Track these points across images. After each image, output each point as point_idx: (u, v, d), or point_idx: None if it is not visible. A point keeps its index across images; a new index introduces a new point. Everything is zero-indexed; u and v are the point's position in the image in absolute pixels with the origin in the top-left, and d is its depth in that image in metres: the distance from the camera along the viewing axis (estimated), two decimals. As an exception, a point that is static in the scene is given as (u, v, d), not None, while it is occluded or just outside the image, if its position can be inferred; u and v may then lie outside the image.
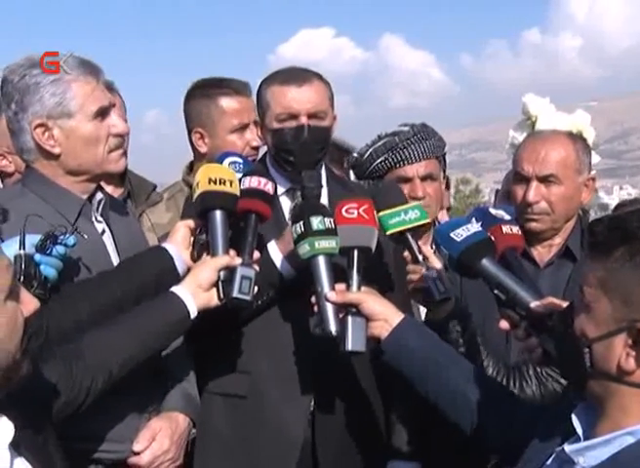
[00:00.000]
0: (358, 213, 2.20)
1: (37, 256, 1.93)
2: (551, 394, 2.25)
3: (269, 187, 2.28)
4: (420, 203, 2.28)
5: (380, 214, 2.26)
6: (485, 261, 2.12)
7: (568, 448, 1.52)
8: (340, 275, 2.17)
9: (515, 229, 2.28)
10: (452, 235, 2.17)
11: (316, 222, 2.13)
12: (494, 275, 2.10)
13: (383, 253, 2.54)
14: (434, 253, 2.38)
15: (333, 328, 2.07)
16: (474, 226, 2.20)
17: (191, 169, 3.32)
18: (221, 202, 2.19)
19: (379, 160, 3.14)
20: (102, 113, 2.21)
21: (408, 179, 3.10)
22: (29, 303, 1.38)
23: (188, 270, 2.23)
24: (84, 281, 2.15)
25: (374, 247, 2.21)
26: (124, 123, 2.30)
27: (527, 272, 2.23)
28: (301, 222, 2.14)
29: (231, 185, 2.21)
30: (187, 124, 3.28)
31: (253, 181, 2.26)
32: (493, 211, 2.34)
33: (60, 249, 1.96)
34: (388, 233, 2.28)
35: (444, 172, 3.28)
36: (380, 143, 3.16)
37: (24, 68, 2.17)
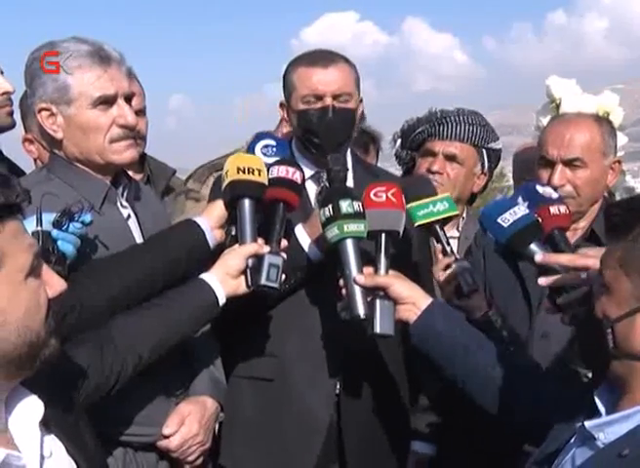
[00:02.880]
0: (387, 196, 2.19)
1: (54, 232, 1.94)
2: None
3: (297, 176, 2.28)
4: (448, 195, 2.26)
5: (409, 205, 2.25)
6: (533, 246, 2.10)
7: (588, 423, 1.54)
8: (367, 259, 2.16)
9: (563, 209, 2.22)
10: (499, 220, 2.14)
11: (345, 206, 2.12)
12: None
13: (410, 239, 2.54)
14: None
15: (361, 311, 2.07)
16: (521, 209, 2.15)
17: None
18: (250, 191, 2.20)
19: (418, 130, 3.21)
20: (106, 102, 2.19)
21: (433, 153, 3.15)
22: (56, 284, 1.38)
23: (219, 248, 2.25)
24: (116, 255, 2.16)
25: (401, 230, 2.20)
26: (133, 114, 2.25)
27: (575, 251, 2.15)
28: (330, 206, 2.13)
29: (260, 174, 2.22)
30: None
31: (281, 170, 2.26)
32: (540, 189, 2.28)
33: (76, 225, 1.96)
34: (417, 224, 2.26)
35: (482, 163, 3.24)
36: (424, 116, 3.23)
37: (39, 52, 2.19)
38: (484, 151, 3.23)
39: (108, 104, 2.20)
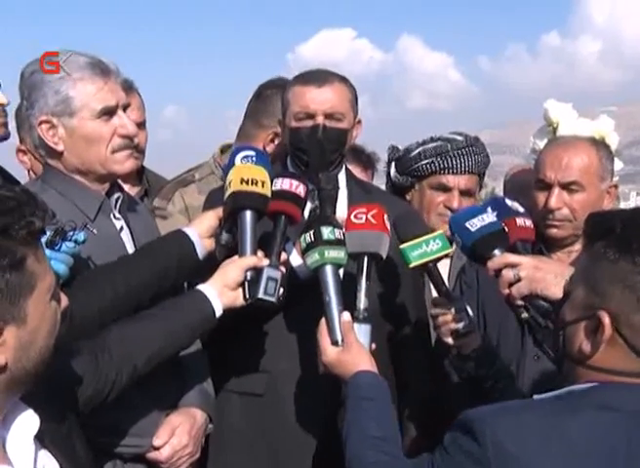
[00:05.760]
0: (366, 218, 2.19)
1: (47, 252, 1.94)
2: None
3: (301, 190, 2.27)
4: (441, 233, 2.26)
5: (402, 246, 2.25)
6: (497, 252, 2.16)
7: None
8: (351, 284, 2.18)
9: (528, 223, 2.31)
10: (467, 224, 2.20)
11: (327, 232, 2.13)
12: None
13: (400, 266, 2.54)
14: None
15: (339, 337, 2.08)
16: (489, 216, 2.23)
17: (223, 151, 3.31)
18: (252, 202, 2.20)
19: (425, 161, 3.14)
20: (108, 113, 2.21)
21: (448, 189, 3.13)
22: (62, 300, 1.42)
23: (208, 258, 2.25)
24: (105, 265, 2.17)
25: (384, 253, 2.20)
26: (132, 124, 2.28)
27: None
28: (311, 232, 2.14)
29: (263, 186, 2.21)
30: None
31: (285, 183, 2.26)
32: (509, 202, 2.36)
33: (69, 244, 1.95)
34: (411, 266, 2.26)
35: (480, 187, 3.30)
36: (431, 145, 3.17)
37: (36, 64, 2.19)
38: (482, 177, 3.26)
39: (109, 115, 2.22)
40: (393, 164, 3.30)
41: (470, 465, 1.50)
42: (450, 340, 2.28)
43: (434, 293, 2.69)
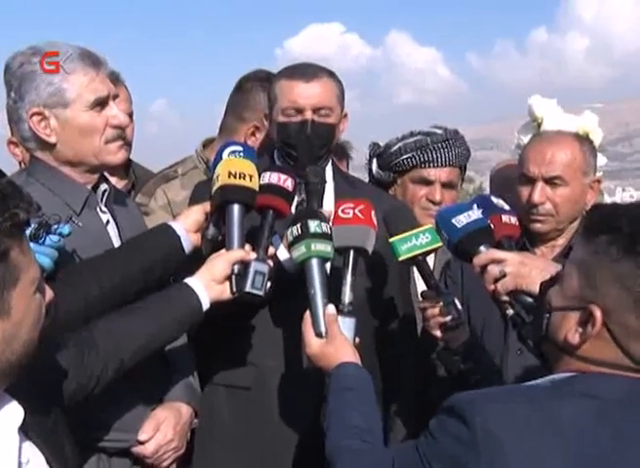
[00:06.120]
0: (354, 213, 2.21)
1: (31, 245, 1.94)
2: None
3: (289, 183, 2.27)
4: (430, 227, 2.27)
5: (392, 239, 2.26)
6: (482, 248, 2.17)
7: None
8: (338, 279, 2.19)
9: (514, 220, 2.32)
10: (453, 221, 2.21)
11: (314, 226, 2.14)
12: None
13: (387, 259, 2.55)
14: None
15: (323, 329, 2.08)
16: (475, 213, 2.24)
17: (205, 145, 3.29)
18: (240, 196, 2.20)
19: (405, 155, 3.15)
20: (101, 104, 2.21)
21: (429, 182, 3.13)
22: (47, 293, 1.42)
23: (194, 252, 2.25)
24: (91, 259, 2.16)
25: (370, 247, 2.22)
26: (124, 114, 2.29)
27: None
28: (299, 225, 2.15)
29: (251, 180, 2.21)
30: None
31: (273, 177, 2.26)
32: (494, 199, 2.37)
33: (53, 238, 1.94)
34: (400, 259, 2.27)
35: (462, 180, 3.31)
36: (411, 140, 3.18)
37: (25, 56, 2.18)
38: (464, 169, 3.27)
39: (102, 106, 2.21)
40: (375, 160, 3.30)
41: (457, 448, 1.50)
42: (438, 333, 2.29)
43: (419, 288, 2.70)
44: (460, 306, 2.27)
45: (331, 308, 2.09)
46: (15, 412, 1.40)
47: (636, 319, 1.50)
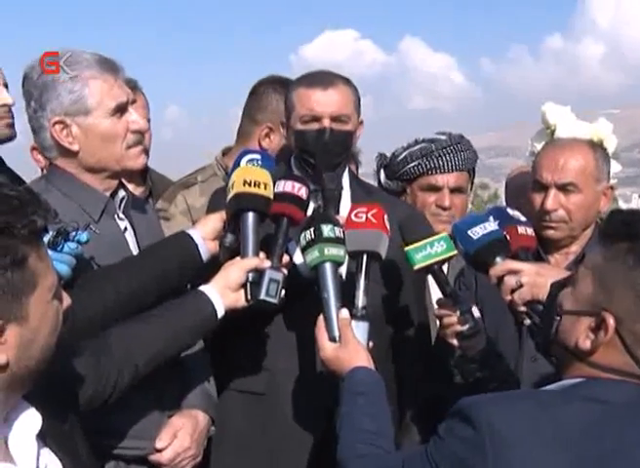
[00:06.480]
0: (367, 217, 2.22)
1: (49, 253, 1.95)
2: None
3: (303, 192, 2.28)
4: (445, 234, 2.28)
5: (407, 248, 2.26)
6: (499, 259, 2.19)
7: None
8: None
9: (530, 231, 2.33)
10: (469, 232, 2.22)
11: (327, 230, 2.15)
12: None
13: (400, 264, 2.55)
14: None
15: (337, 333, 2.10)
16: (491, 225, 2.25)
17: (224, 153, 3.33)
18: (255, 204, 2.21)
19: (412, 164, 3.17)
20: (121, 110, 2.23)
21: (438, 188, 3.15)
22: (64, 300, 1.43)
23: (212, 259, 2.26)
24: (109, 266, 2.17)
25: (383, 252, 2.22)
26: (144, 119, 2.33)
27: None
28: (312, 229, 2.16)
29: (266, 188, 2.22)
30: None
31: (287, 185, 2.27)
32: (510, 211, 2.38)
33: (71, 245, 1.96)
34: (415, 268, 2.27)
35: (472, 184, 3.32)
36: (416, 148, 3.20)
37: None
38: (472, 173, 3.28)
39: (122, 112, 2.24)
40: (382, 170, 3.33)
41: (465, 451, 1.51)
42: (455, 342, 2.29)
43: (434, 295, 2.71)
44: (477, 314, 2.26)
45: (344, 312, 2.11)
46: (33, 419, 1.41)
47: None
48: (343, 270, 2.36)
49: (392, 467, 1.69)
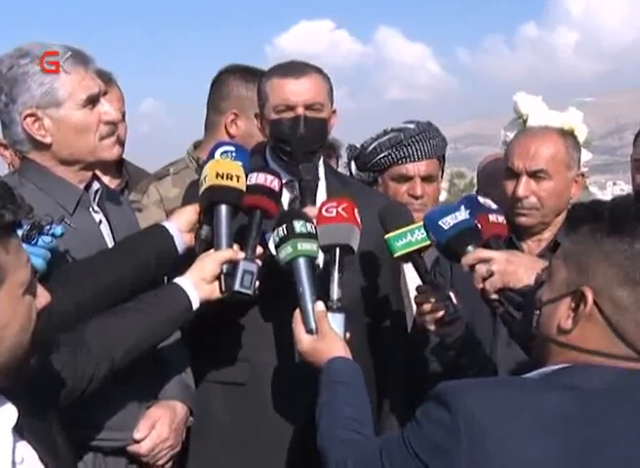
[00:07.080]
0: (337, 211, 2.25)
1: (24, 246, 1.94)
2: None
3: (275, 184, 2.30)
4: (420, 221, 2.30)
5: (387, 236, 2.28)
6: (470, 248, 2.19)
7: None
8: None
9: (501, 219, 2.34)
10: (440, 223, 2.22)
11: (299, 226, 2.18)
12: None
13: (377, 254, 2.59)
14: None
15: (313, 326, 2.12)
16: (462, 214, 2.25)
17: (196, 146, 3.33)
18: (227, 197, 2.22)
19: (382, 154, 3.18)
20: (92, 101, 2.22)
21: (409, 178, 3.16)
22: (41, 296, 1.42)
23: (188, 252, 2.27)
24: (85, 259, 2.17)
25: (355, 244, 2.25)
26: (115, 110, 2.31)
27: None
28: (284, 226, 2.19)
29: (238, 181, 2.23)
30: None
31: (260, 178, 2.29)
32: (481, 199, 2.39)
33: (45, 239, 1.94)
34: (395, 256, 2.29)
35: (442, 171, 3.33)
36: (384, 138, 3.20)
37: (13, 59, 2.18)
38: (442, 159, 3.30)
39: (93, 103, 2.23)
40: (353, 162, 3.34)
41: (441, 434, 1.51)
42: (433, 328, 2.30)
43: (410, 284, 2.73)
44: (455, 301, 2.28)
45: (320, 305, 2.13)
46: (8, 413, 1.40)
47: (627, 293, 1.51)
48: (320, 264, 2.38)
49: (370, 453, 1.69)
